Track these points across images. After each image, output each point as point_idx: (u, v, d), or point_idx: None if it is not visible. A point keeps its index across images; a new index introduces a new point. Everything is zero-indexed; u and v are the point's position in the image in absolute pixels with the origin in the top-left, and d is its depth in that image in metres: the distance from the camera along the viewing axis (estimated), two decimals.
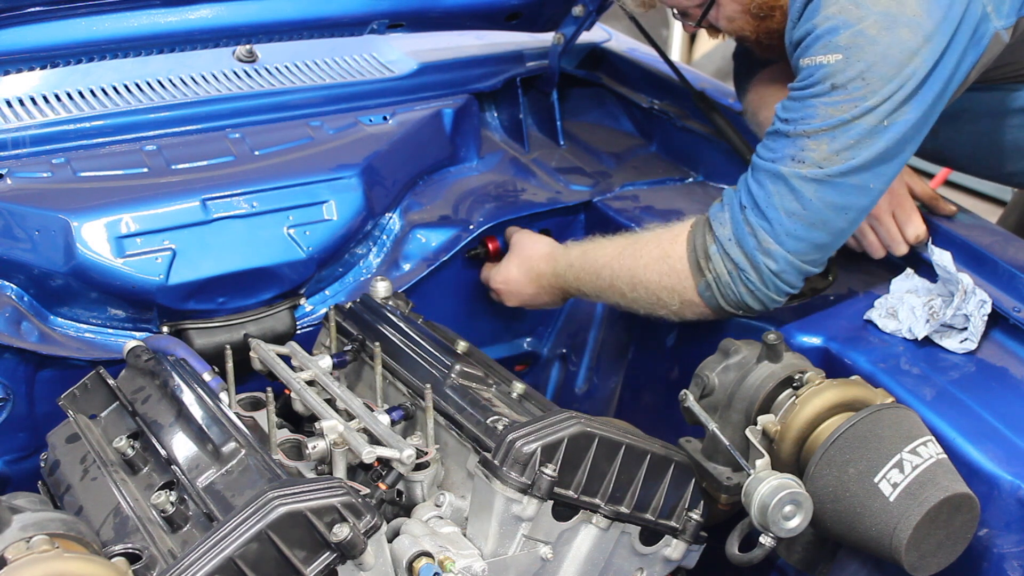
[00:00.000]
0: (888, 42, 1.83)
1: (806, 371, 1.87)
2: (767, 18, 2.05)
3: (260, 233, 2.23)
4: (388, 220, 2.46)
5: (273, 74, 2.58)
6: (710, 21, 2.12)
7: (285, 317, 2.27)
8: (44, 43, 2.22)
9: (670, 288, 2.04)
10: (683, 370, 2.28)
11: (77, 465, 1.84)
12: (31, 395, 2.12)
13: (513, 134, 2.80)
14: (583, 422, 1.76)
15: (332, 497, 1.57)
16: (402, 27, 2.56)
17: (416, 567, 1.62)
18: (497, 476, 1.69)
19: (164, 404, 1.86)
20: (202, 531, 1.63)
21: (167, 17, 2.29)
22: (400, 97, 2.61)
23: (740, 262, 1.96)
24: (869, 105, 1.85)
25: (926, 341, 2.01)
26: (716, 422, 1.85)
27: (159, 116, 2.40)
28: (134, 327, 2.20)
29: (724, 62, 5.13)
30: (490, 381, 1.98)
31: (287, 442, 1.88)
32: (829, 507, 1.75)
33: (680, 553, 1.90)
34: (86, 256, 2.10)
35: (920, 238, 2.14)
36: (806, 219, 1.91)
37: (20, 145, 2.27)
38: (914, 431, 1.75)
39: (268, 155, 2.36)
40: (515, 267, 2.34)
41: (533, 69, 2.80)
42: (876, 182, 1.91)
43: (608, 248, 2.15)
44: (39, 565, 1.44)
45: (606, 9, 2.70)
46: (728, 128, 2.54)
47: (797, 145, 1.89)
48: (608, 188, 2.62)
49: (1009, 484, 1.76)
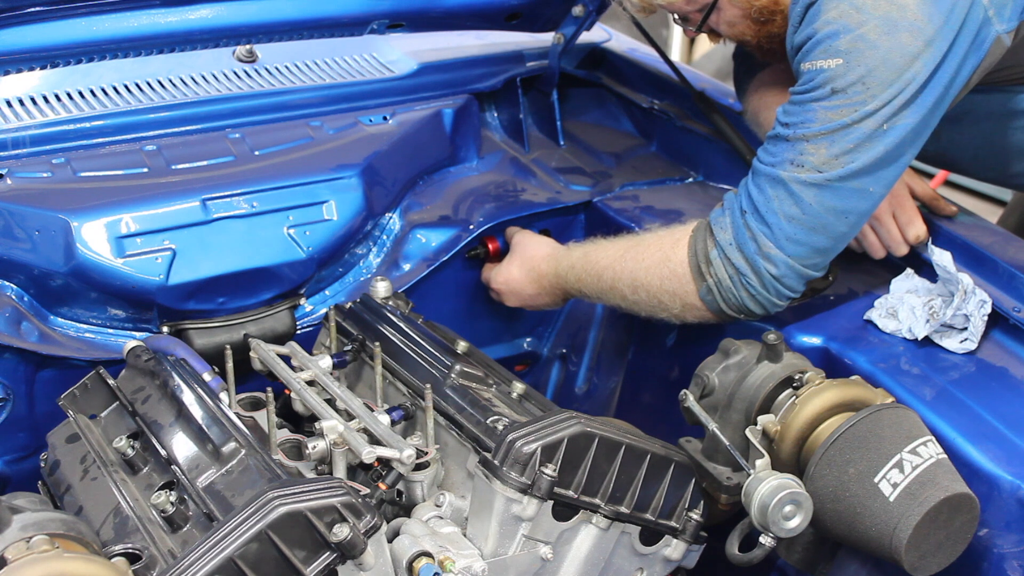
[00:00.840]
0: (889, 46, 1.83)
1: (806, 371, 1.87)
2: (768, 22, 2.05)
3: (260, 233, 2.23)
4: (388, 220, 2.46)
5: (273, 74, 2.58)
6: (711, 26, 2.12)
7: (285, 317, 2.27)
8: (44, 43, 2.22)
9: (671, 292, 2.04)
10: (683, 370, 2.28)
11: (77, 465, 1.84)
12: (31, 395, 2.12)
13: (513, 134, 2.80)
14: (583, 422, 1.76)
15: (332, 497, 1.57)
16: (402, 27, 2.56)
17: (416, 567, 1.62)
18: (497, 476, 1.70)
19: (164, 404, 1.86)
20: (202, 531, 1.63)
21: (167, 17, 2.28)
22: (400, 97, 2.61)
23: (741, 267, 1.96)
24: (869, 109, 1.85)
25: (926, 341, 2.01)
26: (716, 422, 1.85)
27: (159, 116, 2.40)
28: (134, 327, 2.20)
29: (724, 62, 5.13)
30: (490, 381, 1.98)
31: (287, 442, 1.88)
32: (829, 507, 1.75)
33: (680, 553, 1.90)
34: (86, 256, 2.10)
35: (920, 238, 2.14)
36: (806, 223, 1.91)
37: (20, 145, 2.27)
38: (914, 431, 1.75)
39: (268, 155, 2.36)
40: (516, 267, 2.34)
41: (533, 69, 2.80)
42: (876, 186, 1.91)
43: (610, 250, 2.15)
44: (39, 565, 1.44)
45: (606, 9, 2.70)
46: (728, 128, 2.54)
47: (797, 149, 1.89)
48: (608, 188, 2.62)
49: (1009, 484, 1.76)
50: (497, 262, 2.42)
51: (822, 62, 1.86)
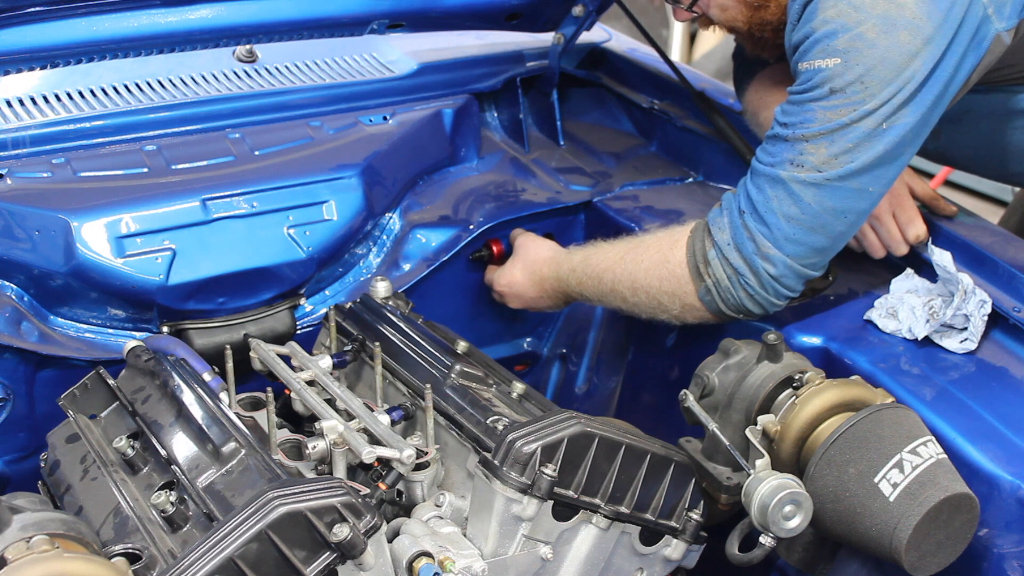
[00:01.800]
0: (887, 45, 1.83)
1: (806, 371, 1.87)
2: (761, 8, 2.03)
3: (260, 233, 2.23)
4: (388, 220, 2.46)
5: (273, 74, 2.58)
6: (702, 8, 2.10)
7: (285, 317, 2.27)
8: (44, 43, 2.22)
9: (670, 293, 2.04)
10: (683, 370, 2.28)
11: (77, 465, 1.84)
12: (31, 395, 2.12)
13: (513, 134, 2.80)
14: (583, 422, 1.76)
15: (332, 497, 1.57)
16: (402, 27, 2.56)
17: (416, 567, 1.62)
18: (497, 476, 1.70)
19: (164, 404, 1.86)
20: (202, 531, 1.63)
21: (167, 17, 2.28)
22: (400, 97, 2.61)
23: (739, 267, 1.95)
24: (867, 109, 1.84)
25: (926, 341, 2.01)
26: (716, 422, 1.85)
27: (159, 116, 2.40)
28: (134, 327, 2.20)
29: (724, 62, 5.13)
30: (490, 381, 1.98)
31: (287, 442, 1.88)
32: (829, 507, 1.75)
33: (680, 553, 1.90)
34: (86, 256, 2.10)
35: (920, 238, 2.14)
36: (805, 223, 1.91)
37: (20, 145, 2.27)
38: (914, 431, 1.75)
39: (268, 155, 2.36)
40: (519, 270, 2.34)
41: (533, 69, 2.80)
42: (875, 185, 1.91)
43: (610, 253, 2.15)
44: (39, 565, 1.44)
45: (606, 9, 2.70)
46: (728, 128, 2.54)
47: (796, 149, 1.89)
48: (608, 188, 2.62)
49: (1009, 484, 1.76)
50: (501, 264, 2.42)
51: (820, 61, 1.86)
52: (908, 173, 2.19)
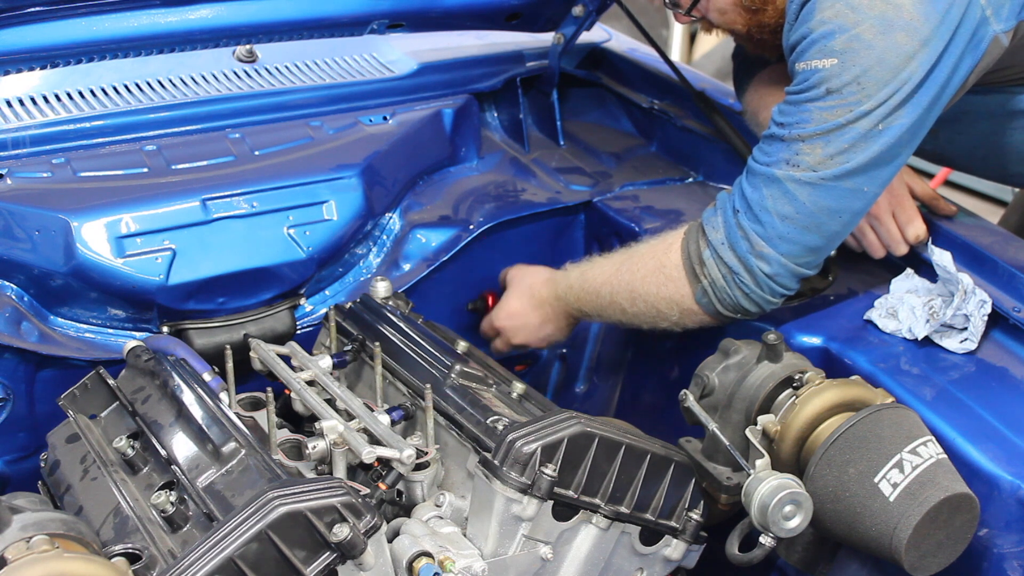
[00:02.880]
0: (884, 46, 1.83)
1: (806, 371, 1.87)
2: (759, 12, 2.03)
3: (260, 233, 2.23)
4: (388, 220, 2.46)
5: (273, 74, 2.58)
6: (701, 12, 2.10)
7: (285, 317, 2.27)
8: (44, 43, 2.22)
9: (668, 298, 2.04)
10: (683, 370, 2.28)
11: (77, 465, 1.84)
12: (31, 395, 2.12)
13: (513, 134, 2.80)
14: (583, 422, 1.76)
15: (332, 497, 1.57)
16: (402, 27, 2.56)
17: (416, 567, 1.62)
18: (497, 476, 1.70)
19: (164, 404, 1.86)
20: (202, 531, 1.63)
21: (167, 17, 2.28)
22: (400, 97, 2.61)
23: (734, 265, 1.96)
24: (864, 109, 1.84)
25: (926, 341, 2.01)
26: (716, 422, 1.85)
27: (159, 116, 2.40)
28: (134, 327, 2.20)
29: (724, 62, 5.13)
30: (490, 381, 1.98)
31: (287, 442, 1.88)
32: (829, 507, 1.75)
33: (680, 553, 1.90)
34: (86, 256, 2.10)
35: (920, 238, 2.14)
36: (799, 222, 1.91)
37: (20, 145, 2.27)
38: (914, 431, 1.75)
39: (268, 155, 2.36)
40: (515, 299, 2.33)
41: (533, 69, 2.80)
42: (870, 185, 1.90)
43: (605, 266, 2.15)
44: (39, 565, 1.44)
45: (606, 9, 2.70)
46: (728, 128, 2.54)
47: (792, 149, 1.89)
48: (608, 188, 2.62)
49: (1009, 484, 1.76)
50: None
51: (817, 62, 1.86)
52: (908, 173, 2.20)
